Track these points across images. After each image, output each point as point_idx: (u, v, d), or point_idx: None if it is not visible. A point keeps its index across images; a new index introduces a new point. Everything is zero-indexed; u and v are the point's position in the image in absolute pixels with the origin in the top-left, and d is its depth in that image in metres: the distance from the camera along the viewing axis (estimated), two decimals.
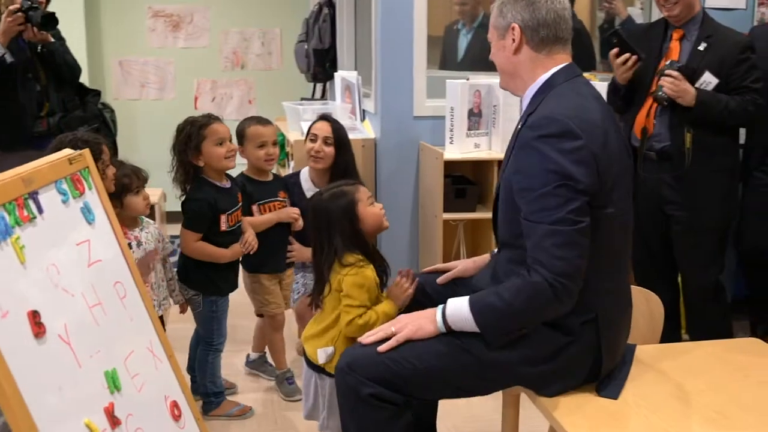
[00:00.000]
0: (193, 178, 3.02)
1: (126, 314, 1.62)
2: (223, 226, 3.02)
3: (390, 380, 2.09)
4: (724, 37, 3.30)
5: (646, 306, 2.58)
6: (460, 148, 3.76)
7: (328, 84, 5.52)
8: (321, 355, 2.44)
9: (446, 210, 3.71)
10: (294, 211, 3.31)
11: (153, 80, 6.32)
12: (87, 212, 1.59)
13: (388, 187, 3.78)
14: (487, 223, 3.75)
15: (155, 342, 1.71)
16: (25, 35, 3.60)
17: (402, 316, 2.20)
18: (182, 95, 6.31)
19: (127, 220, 2.79)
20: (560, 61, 2.16)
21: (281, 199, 3.34)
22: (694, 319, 3.55)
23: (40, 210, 1.43)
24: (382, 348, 2.11)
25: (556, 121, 2.00)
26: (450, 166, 3.69)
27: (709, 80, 3.25)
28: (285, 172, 5.09)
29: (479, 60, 4.93)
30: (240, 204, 3.12)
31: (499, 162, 3.74)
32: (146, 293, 1.73)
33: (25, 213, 1.38)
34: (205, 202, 2.98)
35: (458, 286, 2.49)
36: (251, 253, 3.13)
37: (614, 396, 2.12)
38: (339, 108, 4.42)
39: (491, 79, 3.86)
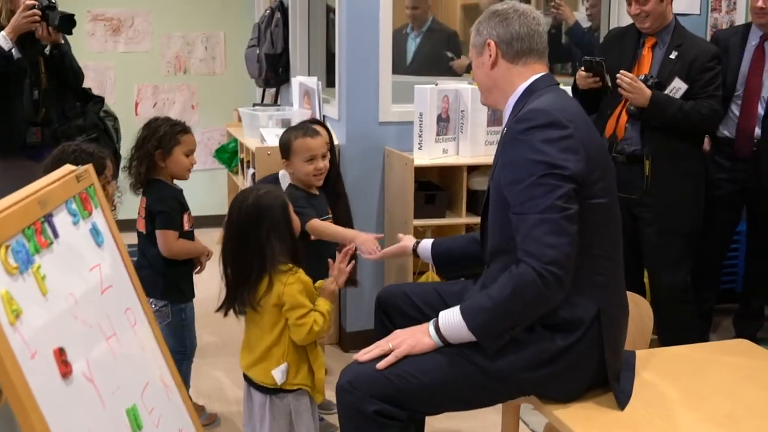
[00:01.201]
0: (147, 181, 2.95)
1: (138, 343, 1.52)
2: (186, 225, 2.98)
3: (394, 396, 2.03)
4: (694, 45, 3.40)
5: (635, 310, 2.57)
6: (429, 153, 3.71)
7: (281, 89, 5.40)
8: (278, 376, 2.38)
9: (416, 216, 3.65)
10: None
11: (92, 85, 5.95)
12: (96, 234, 1.48)
13: (353, 194, 3.69)
14: (456, 229, 3.74)
15: (165, 371, 1.60)
16: (37, 34, 3.38)
17: (398, 331, 2.15)
18: (122, 101, 6.09)
19: None
20: (538, 70, 2.21)
21: (330, 215, 3.13)
22: (665, 320, 3.57)
23: (56, 234, 1.31)
24: (381, 365, 2.05)
25: (543, 112, 2.03)
26: (417, 171, 3.63)
27: (678, 86, 3.31)
28: (238, 179, 4.97)
29: (427, 64, 4.93)
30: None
31: (469, 167, 3.73)
32: (153, 318, 1.62)
33: (43, 238, 1.26)
34: (175, 199, 2.95)
35: (449, 301, 2.44)
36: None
37: (624, 403, 2.10)
38: (298, 114, 4.32)
39: (459, 84, 3.83)
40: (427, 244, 2.65)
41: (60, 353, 1.20)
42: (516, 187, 2.00)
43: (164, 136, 2.90)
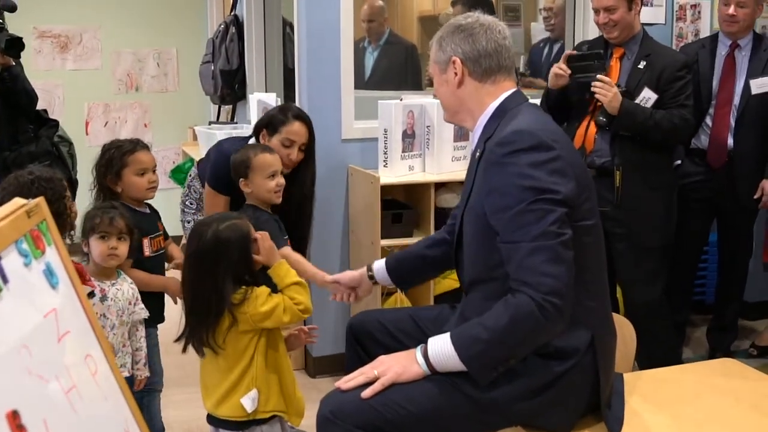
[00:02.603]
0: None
1: (100, 393, 1.37)
2: (147, 251, 2.80)
3: (381, 427, 1.91)
4: (663, 55, 3.36)
5: (618, 331, 2.48)
6: (395, 171, 3.60)
7: (237, 106, 5.25)
8: (247, 404, 2.24)
9: (383, 236, 3.53)
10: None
11: (40, 105, 5.83)
12: (50, 275, 1.33)
13: (317, 215, 3.55)
14: None
15: (130, 421, 1.46)
16: None
17: (383, 357, 2.02)
18: (72, 120, 5.87)
19: (97, 269, 2.53)
20: (507, 88, 2.11)
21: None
22: (640, 336, 3.50)
23: (5, 279, 1.17)
24: (366, 393, 1.92)
25: (527, 134, 1.92)
26: (382, 190, 3.52)
27: (648, 96, 3.26)
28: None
29: (386, 78, 4.82)
30: (161, 231, 2.90)
31: (436, 184, 3.62)
32: (114, 363, 1.48)
33: None
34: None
35: (425, 328, 2.33)
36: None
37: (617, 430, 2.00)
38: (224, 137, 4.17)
39: (424, 99, 3.73)
40: (380, 265, 2.56)
41: (14, 417, 1.06)
42: (505, 215, 1.90)
43: (111, 160, 2.77)
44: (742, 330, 4.11)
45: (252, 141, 3.19)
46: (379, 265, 2.56)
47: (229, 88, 4.97)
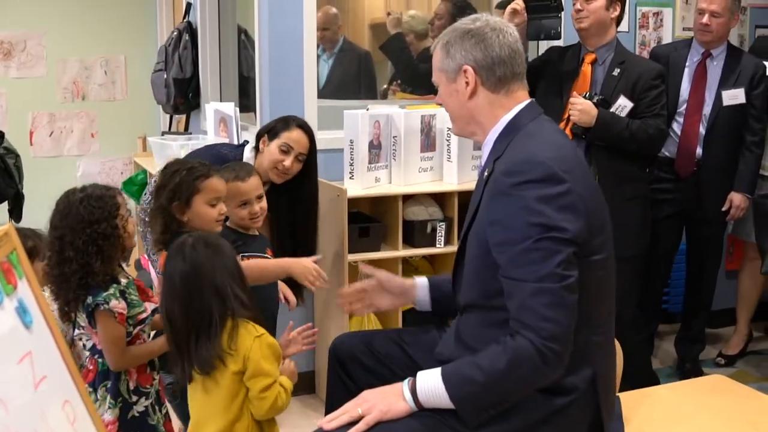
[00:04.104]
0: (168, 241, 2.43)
1: None
2: None
3: None
4: (638, 63, 3.34)
5: None
6: (362, 183, 3.48)
7: (191, 115, 5.07)
8: None
9: (350, 251, 3.41)
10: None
11: None
12: (23, 313, 1.19)
13: None
14: (393, 263, 3.52)
15: None
16: None
17: (366, 393, 1.89)
18: (16, 130, 5.58)
19: None
20: (520, 98, 1.97)
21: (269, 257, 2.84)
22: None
23: None
24: None
25: (538, 164, 1.80)
26: (348, 203, 3.39)
27: (624, 104, 3.23)
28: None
29: (341, 87, 4.72)
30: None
31: (404, 197, 3.52)
32: (93, 409, 1.34)
33: None
34: None
35: (414, 351, 2.21)
36: None
37: None
38: (213, 143, 4.03)
39: (391, 108, 3.62)
40: (423, 295, 2.29)
41: None
42: (509, 250, 1.79)
43: (180, 185, 2.45)
44: (708, 338, 4.09)
45: (249, 148, 3.09)
46: (422, 297, 2.29)
47: (183, 97, 4.79)
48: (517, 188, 1.79)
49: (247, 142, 3.25)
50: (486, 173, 1.94)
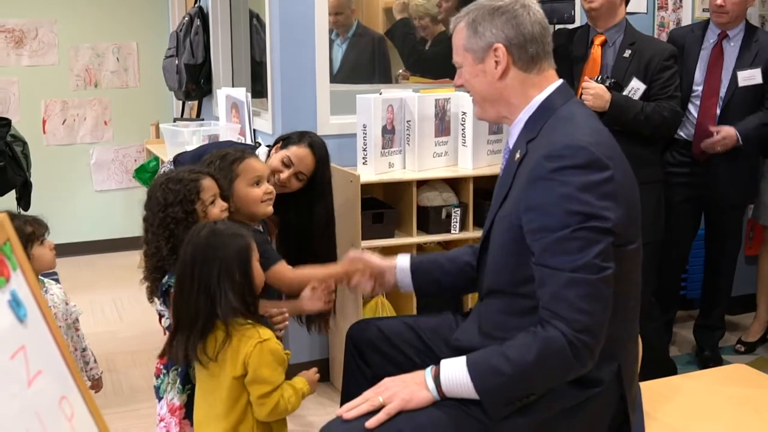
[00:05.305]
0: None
1: None
2: None
3: None
4: (649, 44, 3.26)
5: None
6: (375, 168, 3.43)
7: (203, 101, 5.03)
8: None
9: (363, 237, 3.36)
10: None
11: None
12: (17, 306, 1.14)
13: None
14: (407, 250, 3.46)
15: None
16: None
17: (387, 381, 1.83)
18: (28, 118, 5.61)
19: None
20: (552, 78, 1.91)
21: None
22: None
23: None
24: (370, 423, 1.74)
25: (581, 149, 1.73)
26: (361, 188, 3.34)
27: (637, 86, 3.17)
28: None
29: (355, 72, 4.65)
30: None
31: (418, 182, 3.46)
32: (93, 402, 1.29)
33: None
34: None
35: (430, 337, 2.16)
36: None
37: None
38: (225, 129, 3.99)
39: (404, 92, 3.55)
40: (404, 276, 2.23)
41: None
42: (545, 237, 1.72)
43: (219, 173, 2.40)
44: (727, 324, 4.01)
45: (263, 150, 3.02)
46: (403, 277, 2.24)
47: (195, 83, 4.75)
48: (558, 173, 1.72)
49: (259, 144, 3.18)
50: (518, 156, 1.88)
